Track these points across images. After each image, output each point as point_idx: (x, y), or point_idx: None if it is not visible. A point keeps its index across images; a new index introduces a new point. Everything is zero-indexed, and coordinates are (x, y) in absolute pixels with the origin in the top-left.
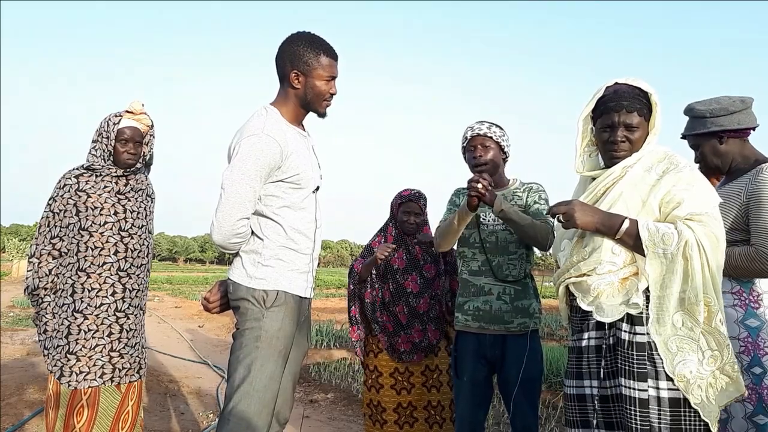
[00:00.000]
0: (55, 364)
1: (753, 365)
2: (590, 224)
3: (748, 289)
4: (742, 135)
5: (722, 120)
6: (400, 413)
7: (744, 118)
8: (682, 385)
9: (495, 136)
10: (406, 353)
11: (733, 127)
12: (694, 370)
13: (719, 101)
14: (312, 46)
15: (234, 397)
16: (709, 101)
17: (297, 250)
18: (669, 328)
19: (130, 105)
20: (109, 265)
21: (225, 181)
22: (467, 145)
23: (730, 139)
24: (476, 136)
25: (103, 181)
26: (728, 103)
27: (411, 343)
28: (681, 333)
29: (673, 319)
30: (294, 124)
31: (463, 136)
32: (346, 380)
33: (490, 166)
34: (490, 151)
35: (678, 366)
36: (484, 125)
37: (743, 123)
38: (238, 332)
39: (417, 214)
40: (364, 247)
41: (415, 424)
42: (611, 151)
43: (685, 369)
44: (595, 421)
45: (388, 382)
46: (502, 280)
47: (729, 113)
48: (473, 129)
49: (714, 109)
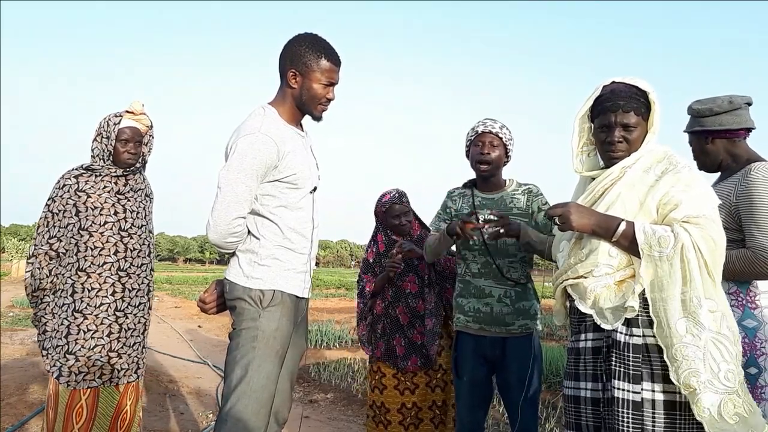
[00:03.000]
0: (54, 364)
1: (749, 365)
2: (586, 226)
3: (745, 290)
4: (727, 136)
5: (705, 120)
6: (404, 414)
7: (728, 119)
8: (687, 394)
9: (504, 137)
10: (401, 358)
11: (714, 127)
12: (703, 380)
13: (712, 101)
14: (314, 48)
15: (231, 398)
16: (705, 100)
17: (294, 250)
18: (673, 336)
19: (131, 105)
20: (109, 264)
21: (221, 180)
22: (475, 140)
23: (716, 139)
24: (486, 133)
25: (103, 181)
26: (715, 104)
27: (408, 345)
28: (686, 341)
29: (677, 325)
30: (292, 123)
31: (472, 130)
32: (345, 380)
33: (491, 165)
34: (496, 150)
35: (684, 375)
36: (497, 124)
37: (726, 124)
38: (234, 332)
39: (405, 213)
40: (362, 263)
41: (420, 425)
42: (609, 151)
43: (692, 379)
44: (587, 423)
45: (391, 383)
46: (503, 282)
47: (713, 114)
48: (485, 125)
49: (701, 109)
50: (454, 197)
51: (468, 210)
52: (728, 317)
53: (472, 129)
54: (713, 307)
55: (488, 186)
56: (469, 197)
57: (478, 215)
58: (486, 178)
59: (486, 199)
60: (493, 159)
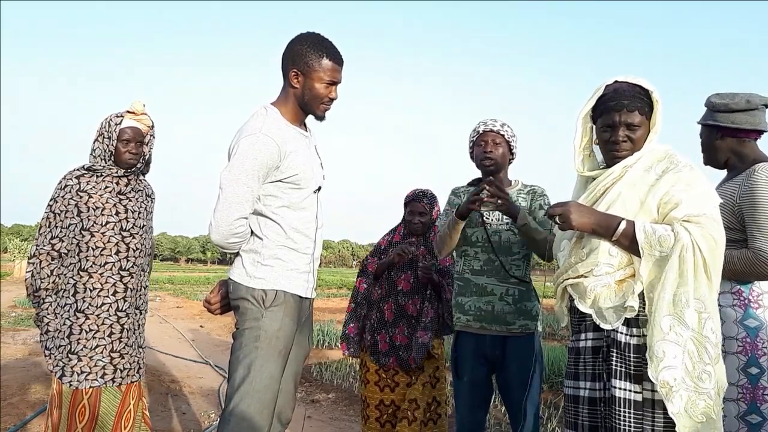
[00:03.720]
0: (57, 364)
1: (750, 365)
2: (587, 225)
3: (747, 289)
4: (737, 135)
5: (719, 116)
6: (381, 411)
7: (742, 118)
8: (663, 392)
9: (507, 135)
10: (383, 354)
11: (726, 124)
12: (679, 378)
13: (731, 97)
14: (316, 48)
15: (234, 398)
16: (724, 95)
17: (297, 250)
18: (657, 332)
19: (132, 105)
20: (110, 264)
21: (223, 180)
22: (477, 140)
23: (725, 136)
24: (489, 132)
25: (104, 182)
26: (732, 101)
27: (391, 344)
28: (669, 338)
29: (661, 322)
30: (294, 123)
31: (474, 130)
32: (347, 380)
33: (496, 162)
34: (499, 149)
35: (662, 372)
36: (498, 122)
37: (739, 123)
38: (237, 332)
39: (422, 213)
40: (374, 246)
41: (397, 424)
42: (613, 150)
43: (669, 375)
44: (582, 423)
45: (372, 378)
46: (505, 280)
47: (728, 110)
48: (486, 124)
49: (717, 103)
50: (459, 194)
51: None
52: (714, 319)
53: (474, 129)
54: (700, 308)
55: None
56: None
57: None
58: (490, 176)
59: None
60: (497, 156)
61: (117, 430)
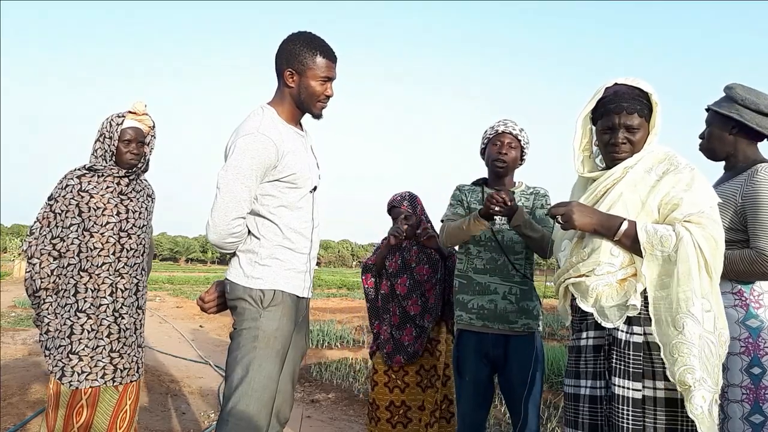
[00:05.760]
0: (56, 364)
1: (752, 365)
2: (588, 225)
3: (749, 289)
4: (754, 137)
5: (745, 112)
6: (392, 412)
7: (764, 121)
8: (683, 392)
9: (523, 141)
10: (388, 355)
11: (750, 124)
12: (699, 378)
13: (762, 97)
14: (309, 46)
15: (232, 398)
16: (752, 90)
17: (294, 250)
18: (671, 333)
19: (133, 105)
20: (107, 265)
21: (220, 180)
22: (494, 138)
23: (741, 133)
24: (506, 133)
25: (105, 182)
26: (760, 100)
27: (397, 345)
28: (682, 338)
29: (674, 323)
30: (291, 123)
31: (491, 128)
32: (347, 380)
33: (507, 166)
34: (513, 152)
35: (680, 372)
36: (517, 126)
37: (763, 127)
38: (235, 332)
39: (407, 217)
40: (375, 248)
41: (408, 424)
42: (612, 152)
43: (687, 376)
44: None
45: (381, 380)
46: (508, 279)
47: (755, 110)
48: (506, 125)
49: (748, 99)
50: (465, 191)
51: (479, 207)
52: (720, 318)
53: (492, 128)
54: (707, 307)
55: (499, 185)
56: (478, 194)
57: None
58: (499, 177)
59: None
60: (510, 159)
61: (112, 429)
